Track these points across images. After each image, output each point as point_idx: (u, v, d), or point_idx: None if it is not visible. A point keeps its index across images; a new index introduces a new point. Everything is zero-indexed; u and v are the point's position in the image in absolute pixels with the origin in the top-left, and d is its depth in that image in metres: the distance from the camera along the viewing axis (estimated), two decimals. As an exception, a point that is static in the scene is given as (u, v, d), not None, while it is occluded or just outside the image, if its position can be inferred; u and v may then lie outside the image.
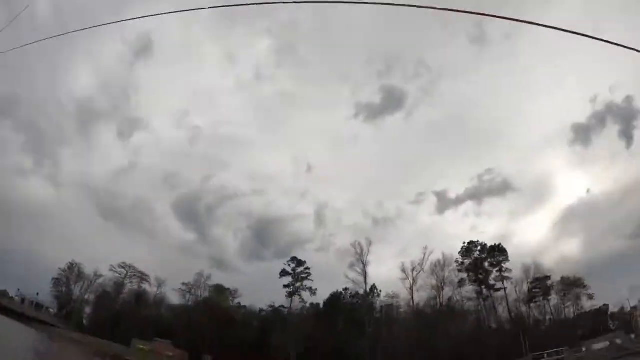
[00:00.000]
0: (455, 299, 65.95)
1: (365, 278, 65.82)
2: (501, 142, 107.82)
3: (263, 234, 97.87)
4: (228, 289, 70.24)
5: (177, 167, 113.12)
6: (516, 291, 64.00)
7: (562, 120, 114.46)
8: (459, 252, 68.21)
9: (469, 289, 66.19)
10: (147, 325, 60.20)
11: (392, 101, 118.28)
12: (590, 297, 61.22)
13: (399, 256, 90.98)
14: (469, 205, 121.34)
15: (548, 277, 62.18)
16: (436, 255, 65.82)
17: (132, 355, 48.87)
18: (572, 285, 61.68)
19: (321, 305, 69.52)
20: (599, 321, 60.21)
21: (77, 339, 53.06)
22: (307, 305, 69.85)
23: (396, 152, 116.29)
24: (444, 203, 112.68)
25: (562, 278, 61.82)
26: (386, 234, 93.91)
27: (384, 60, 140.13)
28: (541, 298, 62.88)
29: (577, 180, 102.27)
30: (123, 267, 70.75)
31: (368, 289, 66.66)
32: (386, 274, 72.37)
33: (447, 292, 65.84)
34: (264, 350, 58.21)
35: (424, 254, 65.02)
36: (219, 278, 71.87)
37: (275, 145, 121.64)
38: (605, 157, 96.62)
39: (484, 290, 65.21)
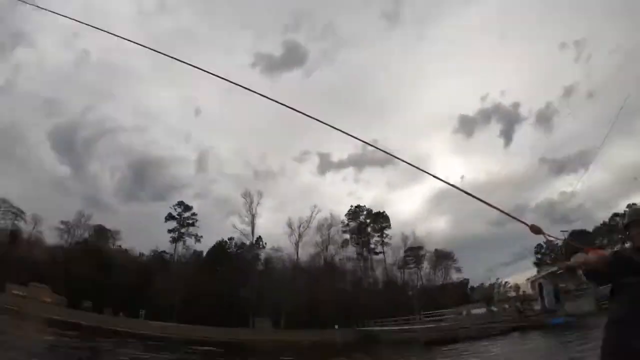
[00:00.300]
0: (337, 258, 69.92)
1: (253, 229, 66.99)
2: (391, 117, 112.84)
3: (142, 173, 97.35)
4: (109, 230, 66.82)
5: (58, 93, 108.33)
6: (393, 257, 70.35)
7: (451, 109, 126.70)
8: (345, 215, 72.48)
9: (351, 250, 70.83)
10: (22, 269, 55.29)
11: (293, 57, 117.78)
12: (458, 269, 69.95)
13: (277, 211, 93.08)
14: (350, 170, 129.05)
15: (421, 248, 69.04)
16: (323, 214, 68.60)
17: (6, 302, 44.00)
18: (443, 257, 69.35)
19: (204, 254, 69.44)
20: (462, 292, 69.01)
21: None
22: (192, 251, 69.41)
23: (287, 109, 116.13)
24: (327, 165, 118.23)
25: (436, 250, 69.08)
26: (267, 187, 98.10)
27: (294, 15, 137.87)
28: (414, 265, 69.61)
29: (454, 166, 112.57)
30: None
31: (254, 240, 67.86)
32: (265, 225, 74.36)
33: (331, 250, 69.52)
34: (147, 296, 56.98)
35: (312, 212, 67.26)
36: (99, 218, 67.59)
37: (166, 83, 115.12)
38: (483, 151, 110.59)
39: (365, 253, 70.53)
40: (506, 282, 70.31)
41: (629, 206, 62.89)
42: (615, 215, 69.64)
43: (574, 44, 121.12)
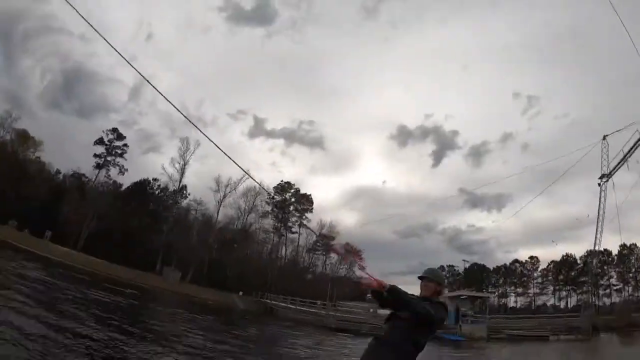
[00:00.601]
0: (255, 227, 71.83)
1: (182, 177, 66.69)
2: (335, 104, 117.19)
3: (73, 85, 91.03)
4: (32, 138, 62.65)
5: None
6: (306, 240, 73.90)
7: (393, 116, 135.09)
8: (274, 187, 74.55)
9: (268, 223, 72.79)
10: None
11: (262, 15, 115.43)
12: (362, 268, 73.41)
13: (196, 160, 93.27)
14: (279, 142, 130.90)
15: (334, 238, 70.35)
16: (251, 182, 70.74)
17: None
18: (351, 252, 72.18)
19: (122, 187, 67.75)
20: (359, 290, 72.77)
21: None
22: (111, 182, 67.32)
23: (237, 63, 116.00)
24: (259, 130, 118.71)
25: (347, 244, 72.10)
26: (192, 134, 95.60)
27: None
28: (322, 253, 72.63)
29: (378, 169, 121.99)
30: None
31: (179, 188, 67.31)
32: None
33: (251, 218, 71.25)
34: (55, 218, 55.23)
35: (242, 177, 66.76)
36: (22, 123, 62.78)
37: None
38: (410, 164, 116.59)
39: (282, 229, 72.58)
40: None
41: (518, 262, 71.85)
42: (516, 261, 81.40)
43: (527, 97, 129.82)
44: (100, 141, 66.41)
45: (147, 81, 5.01)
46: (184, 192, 68.11)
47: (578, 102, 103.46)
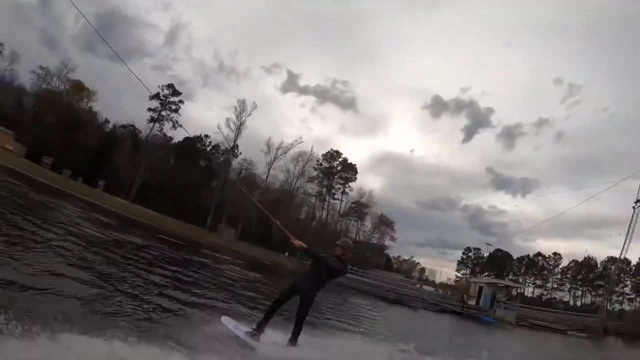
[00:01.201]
0: (301, 190, 72.72)
1: (236, 137, 65.95)
2: (371, 66, 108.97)
3: (108, 28, 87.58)
4: (87, 88, 62.32)
5: None
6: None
7: (430, 86, 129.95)
8: (323, 155, 75.21)
9: (311, 187, 73.91)
10: None
11: None
12: (392, 238, 75.20)
13: (224, 109, 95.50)
14: (311, 99, 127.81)
15: (368, 206, 73.71)
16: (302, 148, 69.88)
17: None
18: (385, 223, 74.05)
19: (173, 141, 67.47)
20: (386, 259, 76.69)
21: None
22: (163, 136, 66.69)
23: (274, 16, 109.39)
24: (292, 85, 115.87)
25: (381, 214, 73.70)
26: (224, 83, 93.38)
27: None
28: (356, 219, 74.92)
29: (408, 137, 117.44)
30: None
31: (231, 147, 66.85)
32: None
33: (300, 182, 72.27)
34: (108, 168, 55.48)
35: (295, 141, 68.29)
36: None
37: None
38: (441, 136, 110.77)
39: (325, 195, 74.18)
40: (417, 262, 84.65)
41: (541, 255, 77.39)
42: (539, 254, 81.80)
43: (568, 85, 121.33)
44: (156, 96, 65.40)
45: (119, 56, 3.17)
46: (236, 151, 67.64)
47: (620, 97, 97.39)
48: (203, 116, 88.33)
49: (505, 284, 49.36)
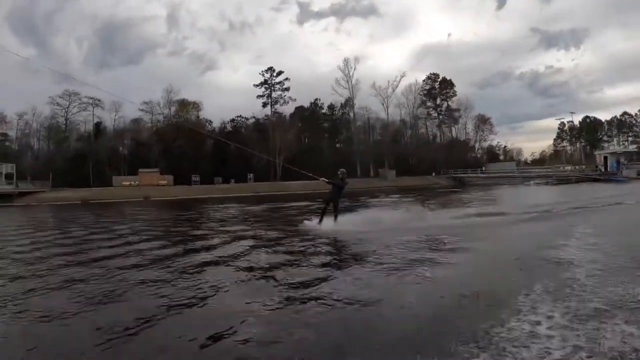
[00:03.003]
0: (416, 117, 75.16)
1: (352, 93, 69.58)
2: None
3: (111, 38, 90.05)
4: (193, 102, 65.55)
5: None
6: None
7: None
8: (423, 80, 76.03)
9: (422, 111, 76.24)
10: (116, 159, 57.10)
11: None
12: (493, 132, 76.63)
13: (253, 62, 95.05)
14: (331, 20, 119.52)
15: (459, 110, 75.13)
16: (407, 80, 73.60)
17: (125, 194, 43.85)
18: (482, 122, 75.03)
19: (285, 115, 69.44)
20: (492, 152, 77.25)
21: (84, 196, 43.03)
22: (278, 114, 68.89)
23: None
24: (306, 14, 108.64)
25: (479, 114, 74.85)
26: (242, 40, 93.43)
27: None
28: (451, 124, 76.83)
29: (441, 23, 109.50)
30: (67, 95, 60.84)
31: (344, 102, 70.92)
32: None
33: (413, 111, 74.96)
34: (248, 162, 57.14)
35: (399, 77, 72.11)
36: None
37: None
38: (473, 10, 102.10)
39: (434, 114, 76.52)
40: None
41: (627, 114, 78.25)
42: (625, 113, 79.39)
43: None
44: (263, 83, 68.60)
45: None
46: (351, 102, 70.37)
47: None
48: (232, 79, 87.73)
49: (624, 151, 56.11)
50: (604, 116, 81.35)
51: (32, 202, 40.02)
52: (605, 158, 53.78)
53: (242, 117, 69.00)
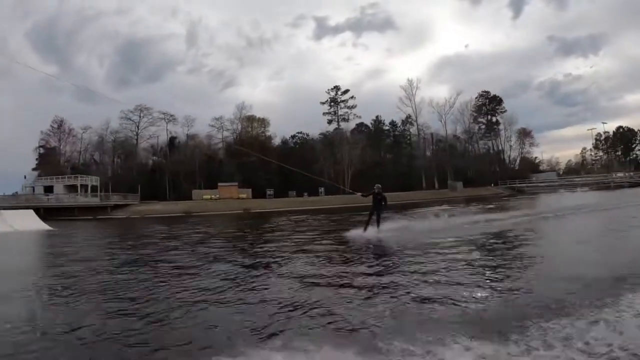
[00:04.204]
0: (471, 132, 77.55)
1: (415, 111, 72.55)
2: None
3: (132, 57, 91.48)
4: (262, 118, 68.97)
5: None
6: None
7: None
8: (476, 98, 78.00)
9: (473, 126, 78.26)
10: (190, 173, 59.96)
11: None
12: (534, 145, 78.80)
13: (272, 79, 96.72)
14: (347, 35, 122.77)
15: (499, 123, 76.99)
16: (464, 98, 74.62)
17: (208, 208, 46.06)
18: (525, 135, 77.03)
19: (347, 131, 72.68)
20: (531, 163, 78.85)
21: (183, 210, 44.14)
22: (341, 130, 72.00)
23: None
24: (323, 29, 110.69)
25: (521, 128, 76.65)
26: (261, 56, 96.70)
27: None
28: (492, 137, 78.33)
29: (457, 35, 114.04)
30: (139, 110, 64.64)
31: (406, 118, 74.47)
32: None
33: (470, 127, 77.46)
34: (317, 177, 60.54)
35: (456, 94, 74.34)
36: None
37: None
38: (489, 21, 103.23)
39: (486, 130, 78.24)
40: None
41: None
42: None
43: None
44: (331, 100, 72.87)
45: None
46: (409, 119, 74.10)
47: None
48: (251, 95, 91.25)
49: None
50: (625, 122, 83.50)
51: (132, 215, 42.72)
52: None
53: (303, 134, 72.65)
